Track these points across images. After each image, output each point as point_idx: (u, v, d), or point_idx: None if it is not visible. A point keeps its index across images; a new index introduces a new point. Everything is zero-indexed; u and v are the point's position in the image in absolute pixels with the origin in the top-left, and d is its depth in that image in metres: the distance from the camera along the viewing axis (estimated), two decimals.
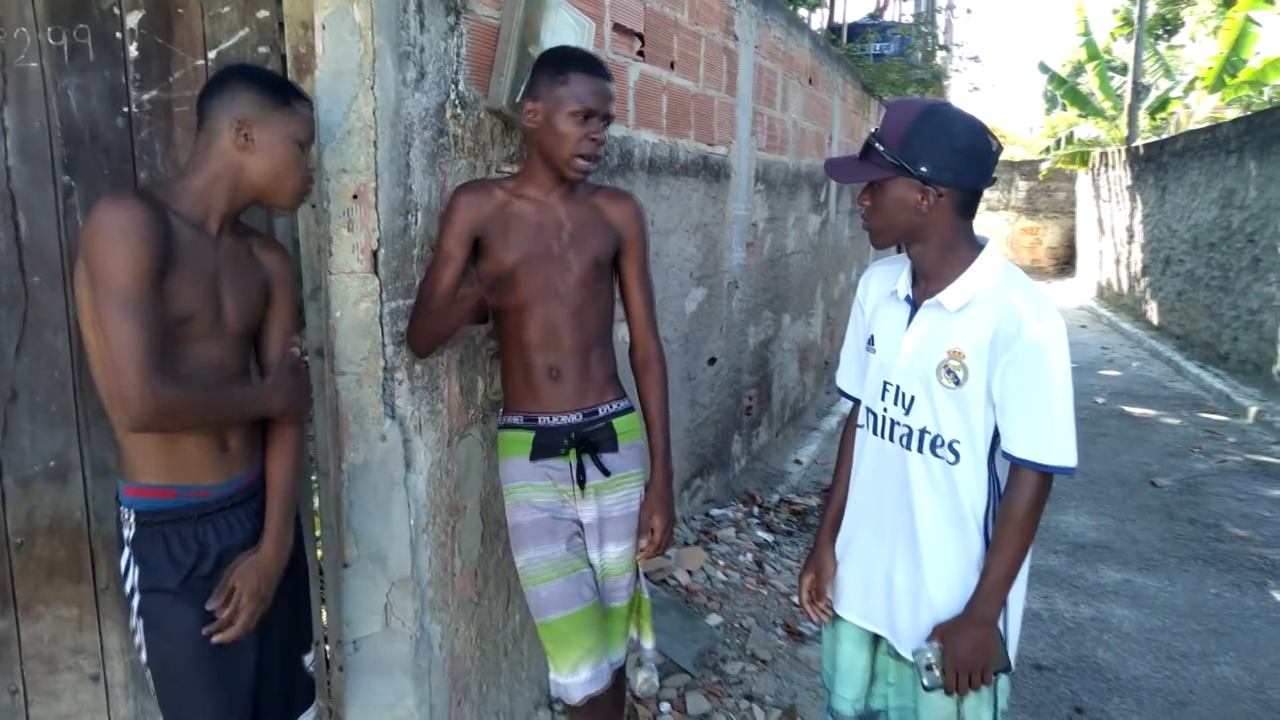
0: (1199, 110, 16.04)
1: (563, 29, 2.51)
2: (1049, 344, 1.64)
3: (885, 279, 1.89)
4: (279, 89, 1.74)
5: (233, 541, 1.74)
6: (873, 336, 1.87)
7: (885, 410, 1.81)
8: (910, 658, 1.80)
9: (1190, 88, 15.95)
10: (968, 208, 1.72)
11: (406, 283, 2.16)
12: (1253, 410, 7.48)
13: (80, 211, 2.14)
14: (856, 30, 11.47)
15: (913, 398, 1.76)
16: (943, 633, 1.71)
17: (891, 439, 1.80)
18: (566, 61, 2.08)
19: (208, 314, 1.66)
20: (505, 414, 2.22)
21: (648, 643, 2.31)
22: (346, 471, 2.15)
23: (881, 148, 1.69)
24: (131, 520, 1.68)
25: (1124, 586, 4.20)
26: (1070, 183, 19.67)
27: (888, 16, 12.69)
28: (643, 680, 2.97)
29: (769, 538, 4.36)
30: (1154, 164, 12.11)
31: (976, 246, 1.74)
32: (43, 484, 2.19)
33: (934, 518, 1.75)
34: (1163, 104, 16.77)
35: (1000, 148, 1.75)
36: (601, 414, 2.19)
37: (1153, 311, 11.80)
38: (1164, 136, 12.95)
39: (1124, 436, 6.91)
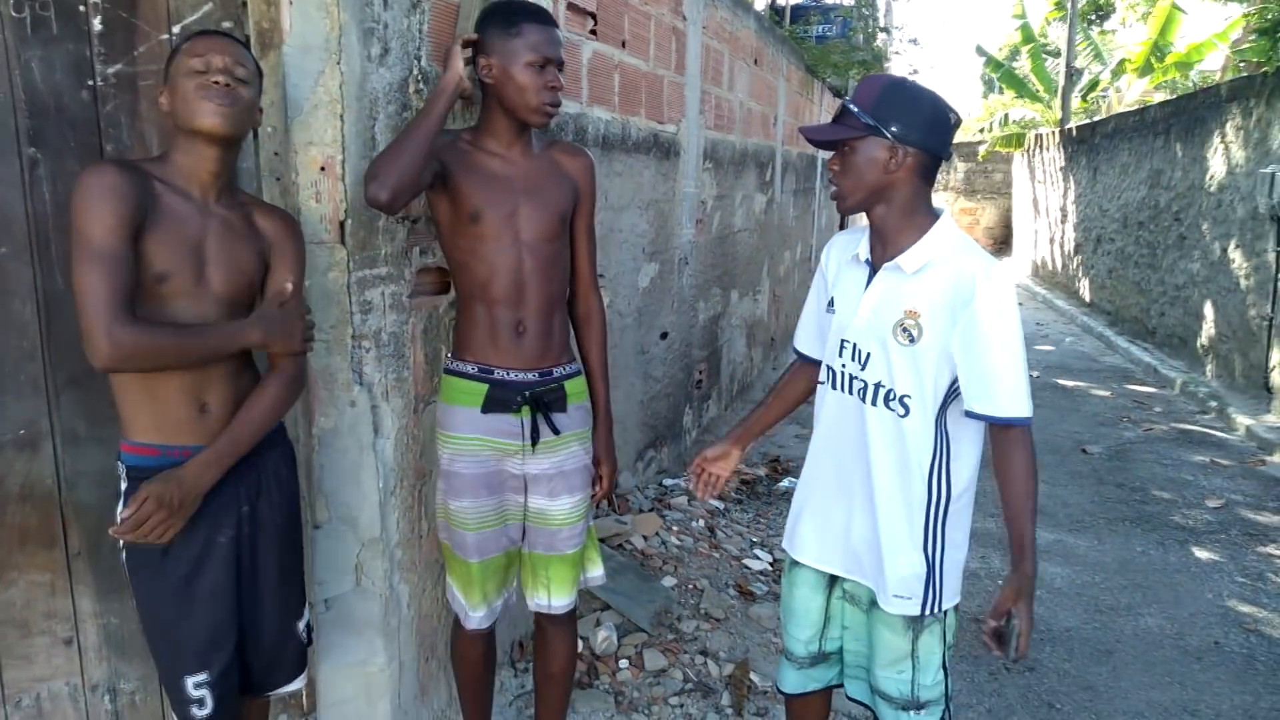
0: (1129, 93, 16.54)
1: None
2: (1001, 305, 1.76)
3: (847, 246, 2.02)
4: (176, 48, 1.79)
5: (218, 500, 1.79)
6: (833, 299, 2.00)
7: (844, 366, 1.94)
8: (877, 597, 1.94)
9: (1120, 71, 16.42)
10: (929, 173, 1.84)
11: (373, 253, 2.22)
12: (1178, 381, 7.82)
13: (45, 183, 2.16)
14: (799, 12, 11.62)
15: (869, 354, 1.89)
16: (1014, 598, 1.78)
17: (850, 392, 1.94)
18: (516, 14, 2.11)
19: (187, 274, 1.73)
20: (456, 360, 2.23)
21: (596, 570, 2.39)
22: (317, 436, 2.22)
23: (856, 109, 1.82)
24: (124, 476, 1.76)
25: (1056, 546, 4.42)
26: (1007, 164, 20.14)
27: None
28: (602, 639, 3.10)
29: (720, 505, 4.50)
30: (1086, 145, 12.48)
31: (934, 214, 1.87)
32: (13, 452, 2.22)
33: (885, 465, 1.89)
34: (1094, 87, 17.23)
35: (959, 120, 1.89)
36: (555, 375, 2.25)
37: (1085, 289, 12.19)
38: (1095, 119, 13.35)
39: (1057, 407, 7.18)
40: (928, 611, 1.90)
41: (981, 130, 20.52)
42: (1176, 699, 3.10)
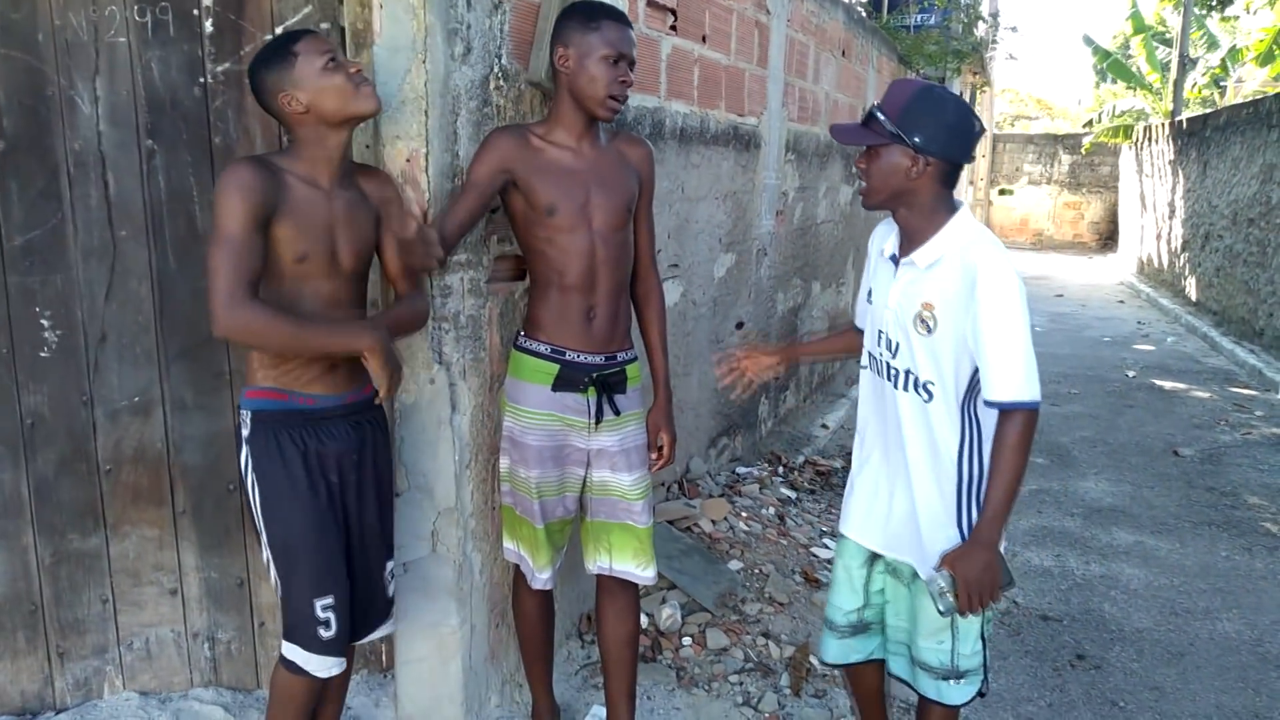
0: (1250, 83, 15.79)
1: None
2: (998, 293, 1.82)
3: (882, 239, 2.10)
4: (279, 53, 1.92)
5: (335, 446, 2.01)
6: (871, 289, 2.09)
7: (880, 354, 2.04)
8: (918, 570, 2.02)
9: (1240, 60, 15.68)
10: (949, 178, 1.92)
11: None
12: None
13: (161, 173, 2.38)
14: (896, 2, 11.46)
15: (898, 343, 1.98)
16: (951, 560, 1.89)
17: (885, 377, 2.04)
18: (596, 10, 2.24)
19: (322, 254, 1.94)
20: (528, 339, 2.34)
21: (651, 571, 2.46)
22: (399, 410, 2.38)
23: (882, 117, 1.89)
24: (248, 420, 1.96)
25: (1136, 548, 4.34)
26: (1114, 157, 19.43)
27: None
28: (666, 616, 3.21)
29: (792, 495, 4.56)
30: (1196, 138, 11.99)
31: (952, 210, 1.94)
32: (128, 417, 2.45)
33: (917, 446, 1.98)
34: (1210, 77, 16.50)
35: (983, 129, 1.97)
36: (619, 359, 2.39)
37: (1191, 287, 11.74)
38: (1207, 111, 12.80)
39: (1151, 409, 6.99)
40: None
41: (1088, 123, 19.84)
42: (1248, 705, 3.04)
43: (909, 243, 1.97)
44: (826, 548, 3.99)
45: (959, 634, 2.02)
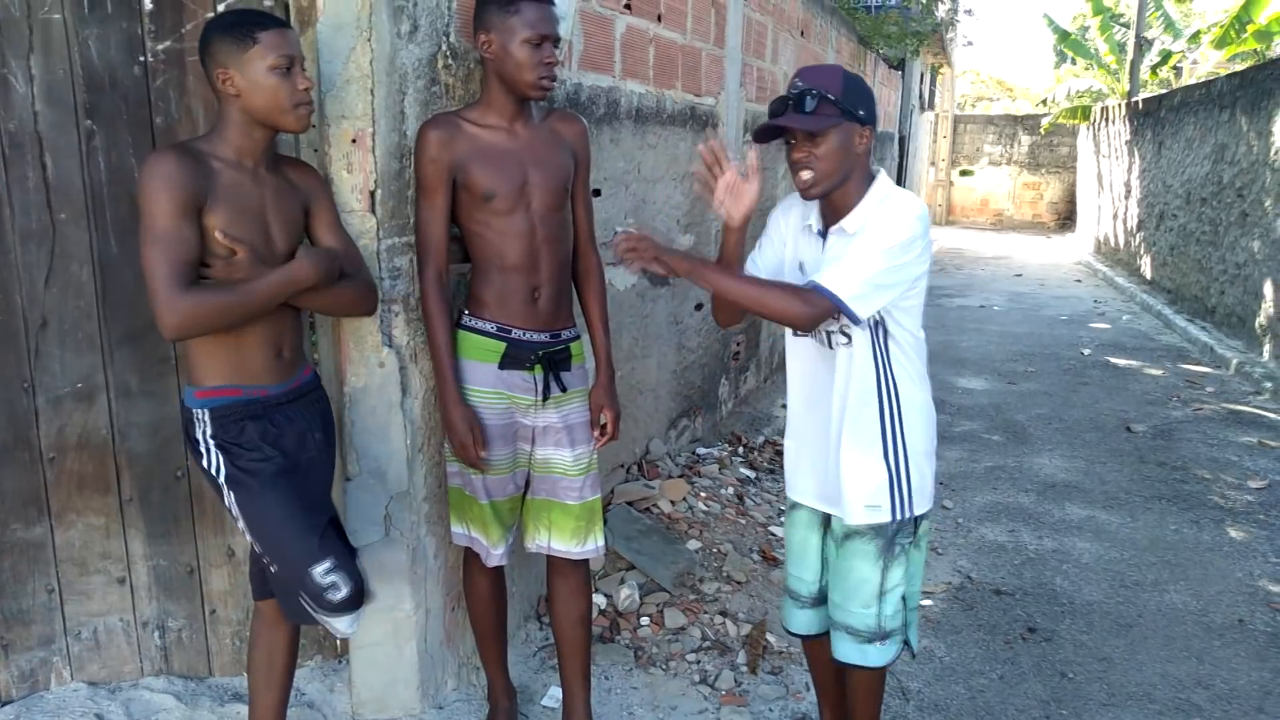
0: (1204, 65, 16.00)
1: None
2: (884, 228, 1.94)
3: (800, 216, 2.15)
4: (240, 27, 1.87)
5: (296, 427, 2.02)
6: (801, 263, 2.13)
7: None
8: (847, 517, 2.12)
9: (1195, 41, 15.88)
10: (873, 145, 2.05)
11: (401, 221, 2.34)
12: (1234, 362, 7.66)
13: (101, 154, 2.33)
14: None
15: None
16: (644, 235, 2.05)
17: (823, 341, 2.12)
18: None
19: (259, 240, 1.90)
20: (473, 318, 2.33)
21: (599, 540, 2.48)
22: (348, 394, 2.36)
23: (833, 97, 1.91)
24: (206, 419, 1.93)
25: (1088, 522, 4.42)
26: (1072, 138, 19.64)
27: None
28: (624, 596, 3.22)
29: (751, 474, 4.58)
30: (1152, 119, 12.15)
31: (872, 178, 2.05)
32: (71, 404, 2.41)
33: (841, 392, 2.09)
34: (1165, 58, 16.70)
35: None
36: (564, 337, 2.39)
37: (1146, 266, 11.92)
38: (1162, 92, 12.97)
39: (1105, 386, 7.09)
40: (898, 516, 2.07)
41: (1045, 101, 20.02)
42: (1192, 673, 3.12)
43: (835, 213, 2.04)
44: (783, 526, 4.02)
45: (886, 596, 2.12)
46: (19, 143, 2.28)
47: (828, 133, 1.93)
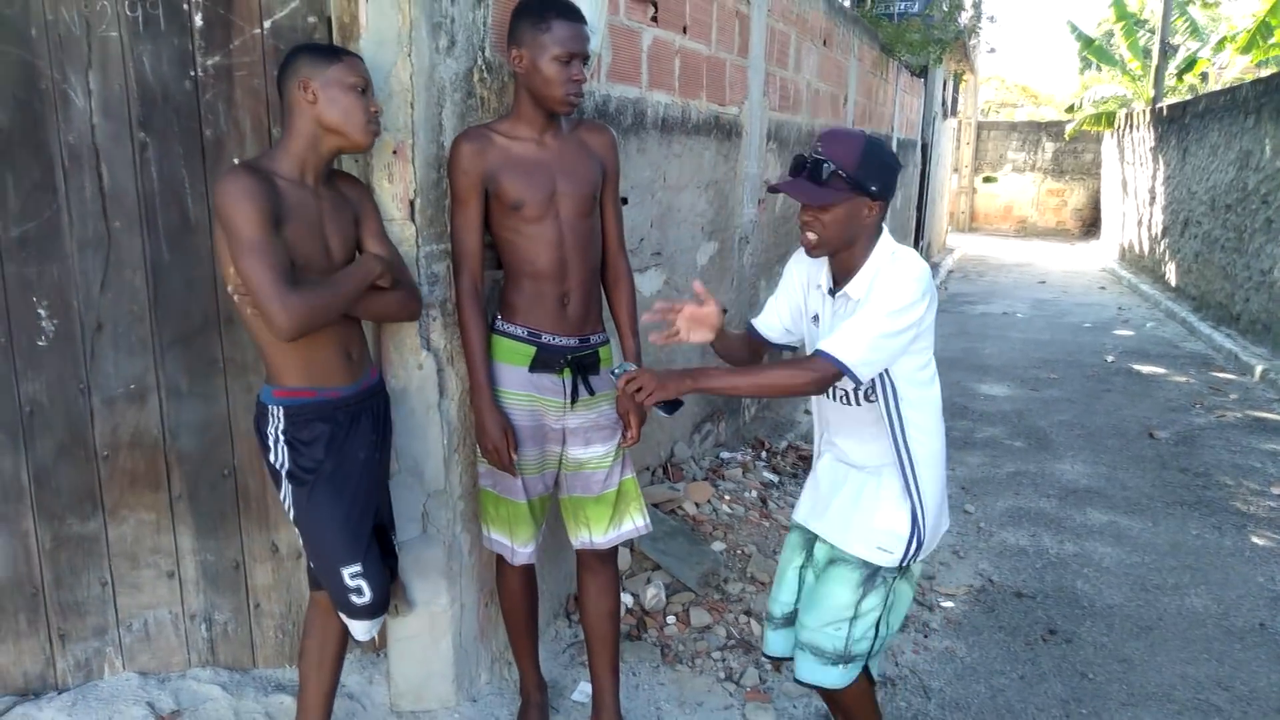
0: (1230, 71, 15.91)
1: None
2: (886, 291, 1.97)
3: (812, 272, 2.21)
4: (327, 49, 2.07)
5: (358, 428, 2.14)
6: (816, 315, 2.20)
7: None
8: (836, 547, 2.19)
9: (1220, 48, 15.81)
10: (885, 214, 2.08)
11: (439, 229, 2.44)
12: (1259, 369, 7.64)
13: (154, 164, 2.43)
14: None
15: None
16: (647, 370, 2.05)
17: (834, 399, 2.18)
18: (546, 8, 2.27)
19: (318, 254, 2.03)
20: (505, 322, 2.42)
21: (640, 520, 2.58)
22: (389, 395, 2.44)
23: (845, 173, 1.98)
24: (280, 416, 2.05)
25: (1109, 527, 4.45)
26: (1097, 144, 19.56)
27: None
28: (651, 596, 3.29)
29: (774, 478, 4.65)
30: (1176, 125, 12.12)
31: (876, 239, 2.08)
32: (124, 404, 2.51)
33: (863, 448, 2.17)
34: (1191, 64, 16.63)
35: (900, 165, 2.14)
36: (593, 342, 2.48)
37: (1171, 273, 11.88)
38: (1187, 98, 12.93)
39: (1128, 393, 7.10)
40: (903, 562, 2.12)
41: (1070, 108, 19.97)
42: (1211, 674, 3.15)
43: (842, 273, 2.09)
44: None
45: (858, 620, 2.15)
46: (77, 154, 2.39)
47: (836, 203, 1.99)
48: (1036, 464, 5.37)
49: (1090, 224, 20.38)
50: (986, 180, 21.92)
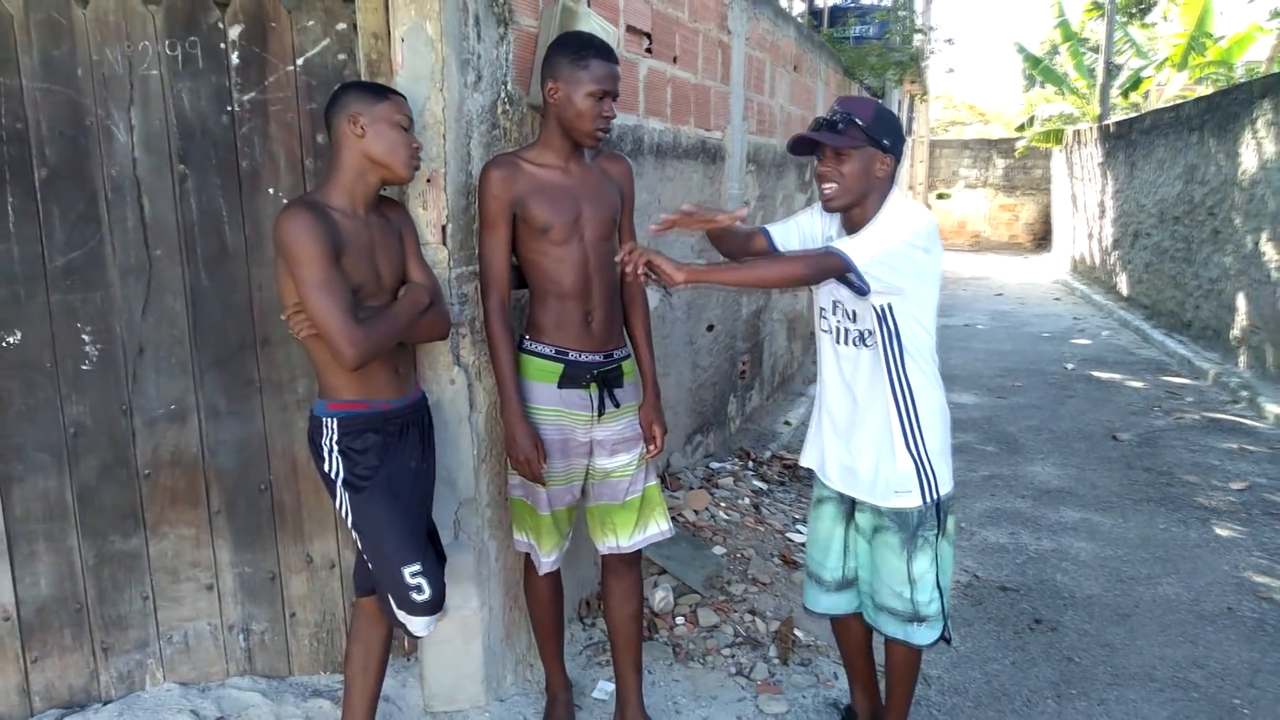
0: (1170, 88, 16.54)
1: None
2: (892, 219, 2.21)
3: (826, 225, 2.44)
4: (375, 87, 2.21)
5: (406, 439, 2.27)
6: None
7: (839, 321, 2.39)
8: (867, 501, 2.40)
9: (1162, 66, 16.43)
10: (895, 175, 2.32)
11: (468, 252, 2.59)
12: (1211, 372, 7.99)
13: (193, 195, 2.56)
14: (838, 14, 11.88)
15: (854, 310, 2.34)
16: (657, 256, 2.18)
17: (843, 342, 2.39)
18: (586, 48, 2.43)
19: (371, 280, 2.17)
20: (533, 342, 2.54)
21: (665, 524, 2.72)
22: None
23: (861, 123, 2.20)
24: (334, 427, 2.18)
25: (1082, 524, 4.68)
26: (1046, 160, 20.15)
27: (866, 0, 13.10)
28: (660, 598, 3.44)
29: (764, 486, 4.82)
30: (1124, 141, 12.59)
31: (886, 200, 2.30)
32: (165, 424, 2.62)
33: (865, 389, 2.37)
34: (1135, 83, 17.25)
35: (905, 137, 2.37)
36: (616, 357, 2.62)
37: (1123, 283, 12.31)
38: (1133, 115, 13.43)
39: (1090, 398, 7.40)
40: (927, 499, 2.31)
41: (1020, 127, 20.56)
42: (1187, 655, 3.37)
43: (854, 229, 2.30)
44: (800, 533, 4.26)
45: (916, 584, 2.36)
46: (120, 186, 2.51)
47: (851, 153, 2.21)
48: (1009, 467, 5.60)
49: (1042, 237, 20.95)
50: (940, 197, 22.45)
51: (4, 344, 2.48)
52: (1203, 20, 14.05)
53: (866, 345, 2.33)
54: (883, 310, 2.25)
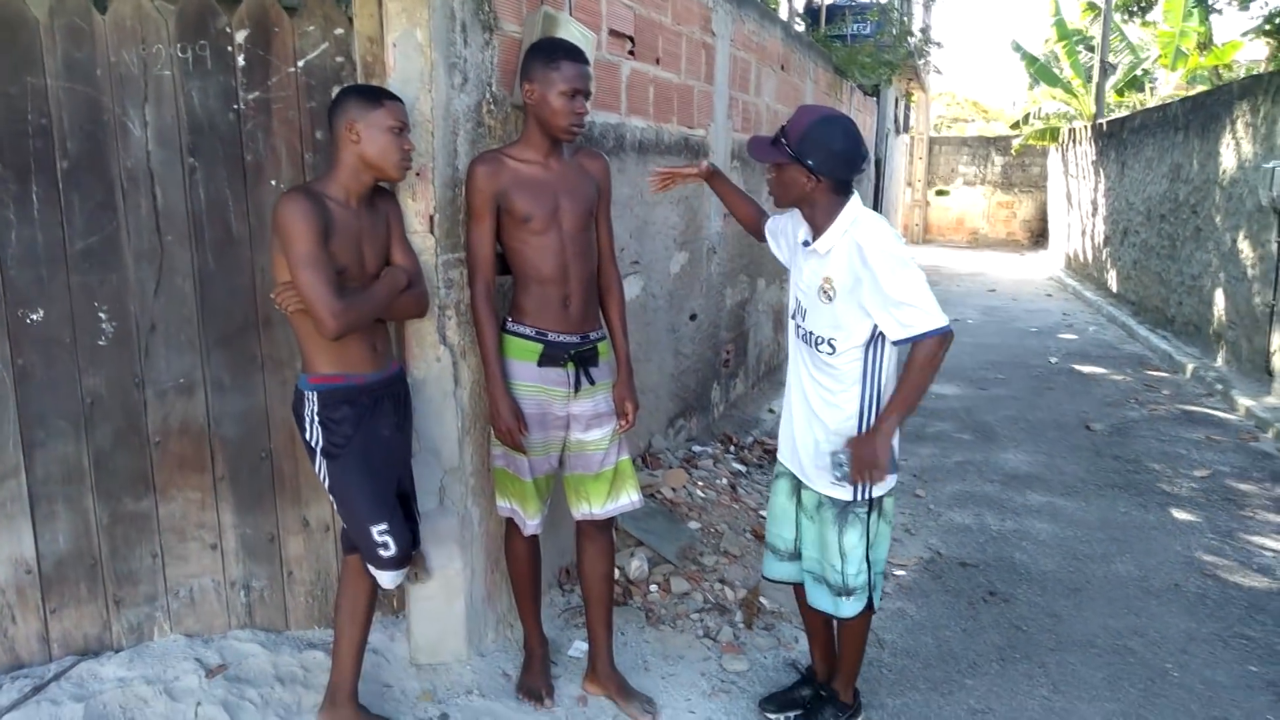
0: (1164, 87, 16.73)
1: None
2: (884, 256, 2.33)
3: (797, 224, 2.63)
4: (371, 93, 2.41)
5: (381, 410, 2.47)
6: (796, 262, 2.62)
7: (801, 320, 2.59)
8: (813, 485, 2.59)
9: (1152, 69, 16.61)
10: (842, 188, 2.43)
11: (454, 240, 2.81)
12: (1190, 367, 8.20)
13: (201, 185, 2.78)
14: (834, 12, 12.07)
15: (807, 310, 2.54)
16: (852, 442, 2.45)
17: (800, 338, 2.59)
18: (556, 51, 2.65)
19: (355, 264, 2.38)
20: (515, 323, 2.75)
21: (635, 495, 2.94)
22: (411, 384, 2.80)
23: (785, 141, 2.39)
24: (314, 400, 2.39)
25: (1046, 507, 4.91)
26: (1043, 158, 20.33)
27: None
28: (635, 567, 3.66)
29: (742, 468, 5.05)
30: (1115, 140, 12.79)
31: (843, 206, 2.43)
32: (174, 396, 2.85)
33: (816, 390, 2.55)
34: (1131, 81, 17.42)
35: (867, 153, 2.49)
36: (591, 338, 2.84)
37: (1112, 280, 12.51)
38: (1124, 114, 13.62)
39: (1069, 390, 7.61)
40: (857, 496, 2.50)
41: (1015, 124, 20.73)
42: (1129, 625, 3.59)
43: (814, 232, 2.48)
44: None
45: (845, 558, 2.56)
46: (135, 177, 2.73)
47: (783, 165, 2.41)
48: (982, 454, 5.83)
49: (1038, 234, 21.14)
50: (939, 194, 22.64)
51: (28, 321, 2.71)
52: (1188, 20, 14.20)
53: (823, 349, 2.49)
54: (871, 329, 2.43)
